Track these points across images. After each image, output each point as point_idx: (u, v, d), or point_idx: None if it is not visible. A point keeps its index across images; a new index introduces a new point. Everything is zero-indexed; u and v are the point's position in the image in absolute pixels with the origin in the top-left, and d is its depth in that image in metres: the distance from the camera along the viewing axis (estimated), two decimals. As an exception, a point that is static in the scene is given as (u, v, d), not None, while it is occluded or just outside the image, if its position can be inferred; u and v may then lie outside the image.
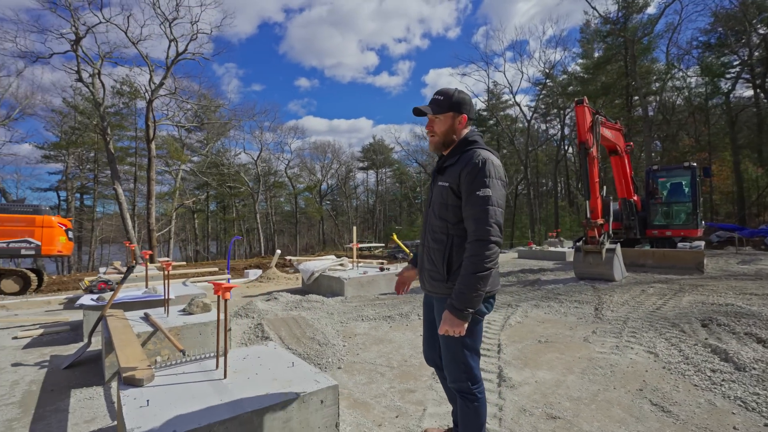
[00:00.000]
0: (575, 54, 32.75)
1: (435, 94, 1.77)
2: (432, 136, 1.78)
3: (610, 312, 5.07)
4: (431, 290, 1.79)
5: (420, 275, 1.90)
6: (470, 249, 1.56)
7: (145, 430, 1.63)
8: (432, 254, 1.75)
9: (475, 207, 1.56)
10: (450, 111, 1.73)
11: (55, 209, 35.24)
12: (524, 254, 13.78)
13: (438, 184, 1.75)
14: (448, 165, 1.72)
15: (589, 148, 7.53)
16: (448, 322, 1.57)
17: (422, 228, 1.89)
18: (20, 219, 9.86)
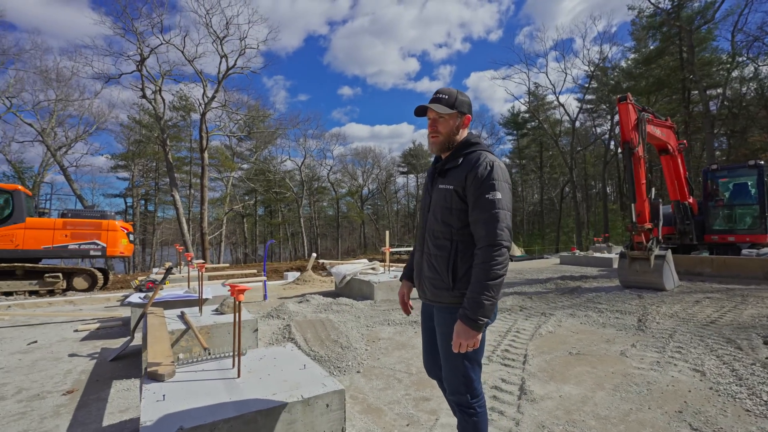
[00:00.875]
0: (626, 48, 30.78)
1: (437, 93, 1.69)
2: (435, 136, 1.69)
3: (655, 324, 4.69)
4: (433, 299, 1.70)
5: (418, 283, 1.79)
6: (482, 255, 1.49)
7: (156, 423, 1.74)
8: (434, 261, 1.66)
9: (485, 211, 1.51)
10: (455, 110, 1.67)
11: (122, 214, 38.74)
12: (567, 260, 13.09)
13: (439, 187, 1.67)
14: (451, 167, 1.65)
15: (633, 148, 7.04)
16: (462, 335, 1.47)
17: (419, 233, 1.81)
18: (89, 223, 10.94)
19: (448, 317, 1.63)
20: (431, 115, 1.69)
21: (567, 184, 37.15)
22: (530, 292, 7.44)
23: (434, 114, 1.68)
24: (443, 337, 1.66)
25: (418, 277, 1.78)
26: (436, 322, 1.72)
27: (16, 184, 11.20)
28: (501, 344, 3.99)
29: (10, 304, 6.88)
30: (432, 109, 1.67)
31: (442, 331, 1.67)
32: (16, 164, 28.92)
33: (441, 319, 1.68)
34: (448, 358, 1.66)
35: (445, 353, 1.66)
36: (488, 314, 1.46)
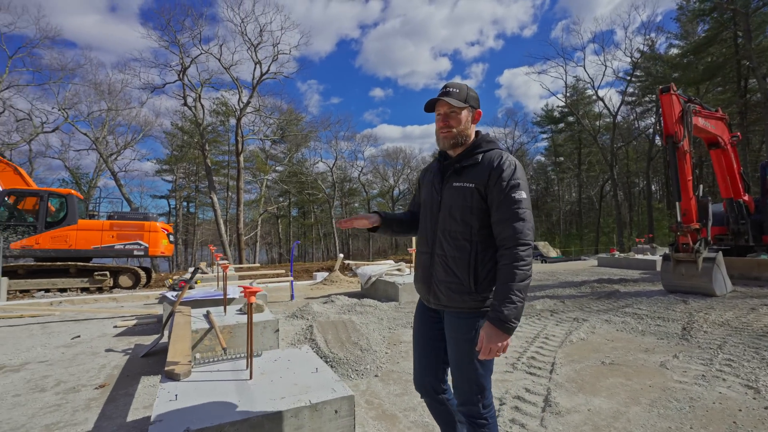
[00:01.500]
0: (672, 35, 28.84)
1: (448, 87, 1.62)
2: (448, 131, 1.60)
3: (702, 333, 4.31)
4: (450, 304, 1.58)
5: (426, 288, 1.66)
6: (511, 255, 1.44)
7: (165, 423, 1.77)
8: (451, 263, 1.56)
9: (512, 211, 1.48)
10: (467, 105, 1.60)
11: (166, 215, 40.98)
12: (605, 262, 12.42)
13: (454, 185, 1.59)
14: (468, 165, 1.59)
15: (678, 142, 6.54)
16: (494, 339, 1.39)
17: (425, 234, 1.69)
18: (133, 225, 11.61)
19: (467, 322, 1.55)
20: (442, 110, 1.61)
21: (607, 182, 35.36)
22: (563, 295, 7.09)
23: (446, 108, 1.60)
24: (459, 344, 1.56)
25: (426, 281, 1.66)
26: (451, 328, 1.60)
27: (69, 189, 12.08)
28: (527, 351, 3.81)
29: (62, 300, 7.41)
30: (444, 103, 1.59)
31: (460, 338, 1.56)
32: (73, 170, 31.30)
33: (458, 326, 1.57)
34: (461, 367, 1.57)
35: (459, 361, 1.57)
36: (519, 316, 1.43)
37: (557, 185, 48.24)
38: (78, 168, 31.99)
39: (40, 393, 3.09)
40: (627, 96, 32.20)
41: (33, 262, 10.56)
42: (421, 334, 1.76)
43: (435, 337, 1.71)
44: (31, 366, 3.75)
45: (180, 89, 25.96)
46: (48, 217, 10.80)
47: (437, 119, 1.63)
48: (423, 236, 1.71)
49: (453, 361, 1.61)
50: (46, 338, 4.77)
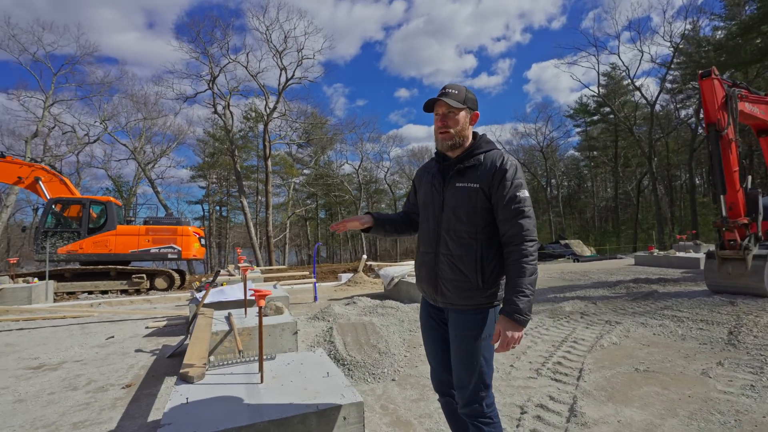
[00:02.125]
0: (716, 17, 26.97)
1: (447, 88, 1.65)
2: (446, 131, 1.62)
3: (751, 338, 3.96)
4: (458, 302, 1.60)
5: (433, 287, 1.67)
6: (520, 251, 1.50)
7: (174, 426, 1.78)
8: (458, 262, 1.58)
9: (518, 209, 1.53)
10: (465, 106, 1.63)
11: (201, 219, 42.65)
12: (643, 261, 11.75)
13: (457, 185, 1.61)
14: (471, 165, 1.62)
15: (721, 131, 6.06)
16: (510, 331, 1.45)
17: (427, 234, 1.69)
18: (167, 229, 12.11)
19: (474, 318, 1.59)
20: (441, 110, 1.64)
21: (645, 176, 33.57)
22: (595, 296, 6.74)
23: (444, 108, 1.62)
24: (466, 340, 1.59)
25: (431, 281, 1.67)
26: (457, 326, 1.63)
27: (108, 196, 12.76)
28: (554, 355, 3.62)
29: (101, 302, 7.81)
30: (442, 103, 1.61)
31: (467, 335, 1.59)
32: (115, 179, 33.19)
33: (464, 322, 1.60)
34: (468, 363, 1.59)
35: (465, 358, 1.59)
36: (531, 309, 1.49)
37: (591, 181, 46.30)
38: (119, 176, 33.91)
39: (72, 392, 3.23)
40: (667, 83, 30.42)
41: (78, 266, 11.22)
42: (431, 334, 1.79)
43: (444, 334, 1.72)
44: (67, 365, 3.94)
45: (210, 98, 26.93)
46: (90, 223, 11.45)
47: (435, 119, 1.66)
48: (426, 236, 1.71)
49: (458, 358, 1.62)
50: (84, 338, 5.02)
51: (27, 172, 11.56)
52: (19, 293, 7.43)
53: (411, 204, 1.91)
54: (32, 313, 6.35)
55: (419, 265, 1.75)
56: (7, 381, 3.51)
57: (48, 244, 10.70)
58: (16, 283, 8.34)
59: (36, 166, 11.91)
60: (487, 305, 1.59)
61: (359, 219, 1.74)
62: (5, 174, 11.47)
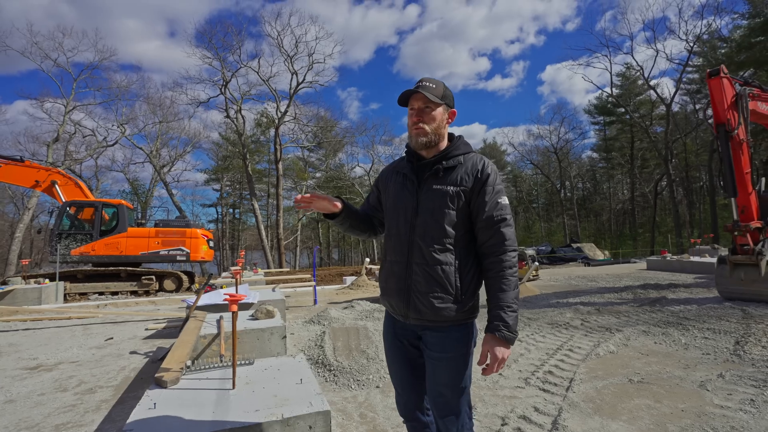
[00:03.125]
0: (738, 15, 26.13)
1: (424, 81, 1.49)
2: (420, 128, 1.47)
3: (758, 349, 3.77)
4: (434, 318, 1.42)
5: (403, 303, 1.47)
6: (504, 262, 1.40)
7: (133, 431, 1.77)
8: (435, 272, 1.41)
9: (501, 216, 1.43)
10: (443, 102, 1.49)
11: (215, 222, 43.32)
12: (655, 265, 11.41)
13: (434, 187, 1.46)
14: (450, 167, 1.48)
15: (731, 131, 5.84)
16: (500, 353, 1.33)
17: (398, 241, 1.51)
18: (176, 231, 12.30)
19: (456, 337, 1.44)
20: (417, 104, 1.48)
21: (662, 178, 32.68)
22: (599, 302, 6.55)
23: (421, 103, 1.48)
24: (451, 363, 1.44)
25: (402, 294, 1.47)
26: (437, 347, 1.45)
27: (120, 200, 13.04)
28: (546, 364, 3.51)
29: (107, 303, 7.96)
30: (419, 96, 1.46)
31: (451, 357, 1.44)
32: (132, 182, 34.00)
33: (446, 343, 1.44)
34: (454, 388, 1.45)
35: (451, 381, 1.44)
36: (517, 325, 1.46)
37: (607, 182, 45.31)
38: (136, 180, 34.72)
39: (61, 393, 3.28)
40: (684, 83, 29.60)
41: (90, 267, 11.49)
42: (398, 355, 1.60)
43: (414, 356, 1.56)
44: (63, 366, 4.01)
45: (223, 102, 27.37)
46: (102, 225, 11.72)
47: (410, 114, 1.51)
48: (395, 243, 1.52)
49: (442, 383, 1.45)
50: (84, 339, 5.11)
51: (44, 176, 11.92)
52: (29, 294, 7.63)
53: (371, 206, 1.73)
54: (40, 313, 6.51)
55: (386, 277, 1.55)
56: (3, 381, 3.58)
57: (61, 246, 10.98)
58: (27, 284, 8.58)
59: (52, 170, 12.28)
60: (467, 320, 1.46)
61: (330, 200, 1.52)
62: (23, 178, 11.83)
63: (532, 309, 6.15)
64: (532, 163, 42.70)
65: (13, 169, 11.55)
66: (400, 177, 1.58)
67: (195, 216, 39.19)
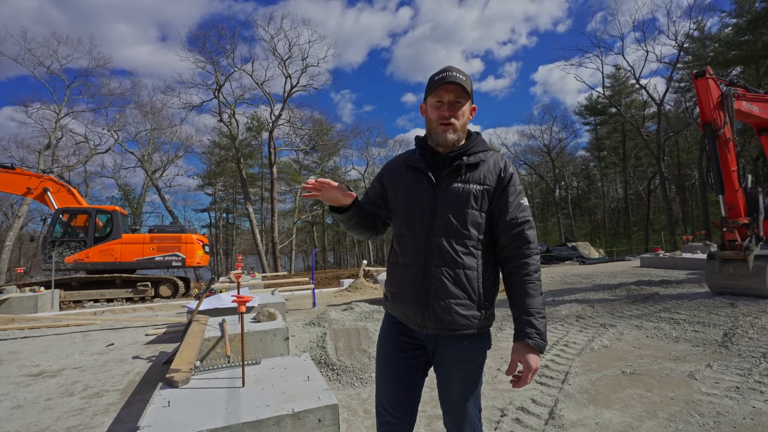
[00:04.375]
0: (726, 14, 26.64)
1: (453, 71, 1.33)
2: (450, 123, 1.34)
3: (745, 340, 3.92)
4: (456, 327, 1.31)
5: (420, 310, 1.34)
6: (531, 265, 1.32)
7: (152, 428, 1.84)
8: (458, 277, 1.31)
9: (525, 217, 1.36)
10: (470, 97, 1.37)
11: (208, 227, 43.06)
12: (648, 262, 11.63)
13: (456, 185, 1.35)
14: (472, 164, 1.37)
15: (717, 130, 6.03)
16: (533, 360, 1.23)
17: (414, 242, 1.37)
18: (171, 237, 12.26)
19: (479, 345, 1.37)
20: (448, 97, 1.33)
21: (655, 176, 33.14)
22: (594, 299, 6.70)
23: (453, 96, 1.33)
24: (469, 372, 1.36)
25: (420, 301, 1.34)
26: (456, 357, 1.35)
27: (114, 206, 12.97)
28: (542, 359, 3.62)
29: (104, 310, 7.96)
30: (454, 88, 1.31)
31: (471, 366, 1.36)
32: (123, 187, 33.74)
33: (470, 352, 1.35)
34: (471, 398, 1.39)
35: (468, 392, 1.38)
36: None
37: (601, 181, 45.79)
38: (126, 185, 34.45)
39: (68, 398, 3.32)
40: (674, 82, 30.12)
41: (84, 275, 11.42)
42: (399, 370, 1.44)
43: (414, 369, 1.44)
44: (66, 372, 4.04)
45: (216, 107, 27.34)
46: (96, 232, 11.65)
47: (437, 106, 1.35)
48: (410, 245, 1.38)
49: (459, 394, 1.37)
50: (85, 346, 5.13)
51: (36, 183, 11.83)
52: (25, 302, 7.61)
53: (371, 202, 1.54)
54: (37, 321, 6.50)
55: (401, 283, 1.39)
56: (8, 388, 3.61)
57: (55, 253, 10.92)
58: (22, 292, 8.54)
59: (44, 177, 12.19)
60: (486, 328, 1.37)
61: (343, 190, 1.32)
62: (15, 185, 11.73)
63: (528, 307, 6.27)
64: (527, 164, 43.05)
65: (4, 177, 11.44)
66: (412, 172, 1.43)
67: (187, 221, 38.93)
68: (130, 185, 35.39)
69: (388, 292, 1.46)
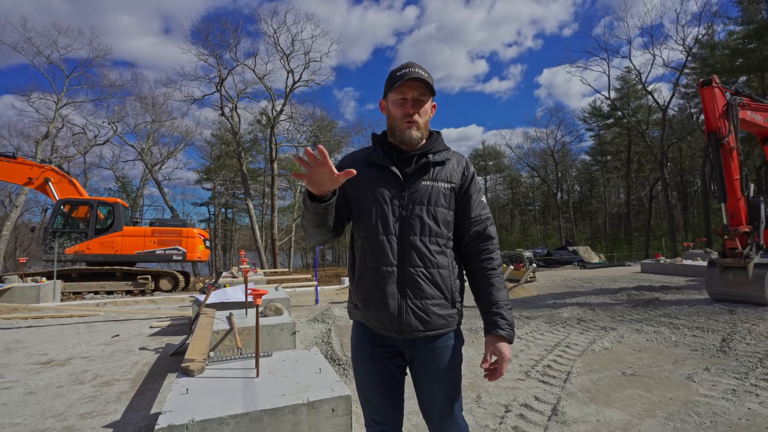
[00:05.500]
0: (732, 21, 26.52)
1: (416, 68, 1.30)
2: (414, 121, 1.31)
3: (743, 345, 4.00)
4: (434, 329, 1.28)
5: (394, 315, 1.27)
6: (495, 260, 1.34)
7: (174, 413, 1.90)
8: (433, 277, 1.28)
9: (488, 215, 1.39)
10: (433, 95, 1.35)
11: (206, 222, 43.05)
12: (649, 268, 11.72)
13: (426, 183, 1.32)
14: (438, 162, 1.36)
15: (721, 139, 6.11)
16: (507, 351, 1.24)
17: (382, 244, 1.29)
18: (172, 231, 12.27)
19: (453, 345, 1.35)
20: (412, 93, 1.30)
21: (658, 182, 33.19)
22: (594, 303, 6.78)
23: (416, 92, 1.30)
24: (448, 374, 1.34)
25: (394, 305, 1.27)
26: (433, 360, 1.32)
27: (115, 198, 12.96)
28: (544, 359, 3.70)
29: (107, 302, 8.00)
30: (417, 85, 1.29)
31: (450, 367, 1.34)
32: (122, 179, 33.68)
33: (442, 354, 1.32)
34: (453, 399, 1.37)
35: (451, 393, 1.36)
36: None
37: (603, 186, 45.76)
38: (124, 177, 34.38)
39: (79, 385, 3.38)
40: (680, 88, 30.13)
41: (84, 267, 11.44)
42: (380, 378, 1.39)
43: (396, 375, 1.40)
44: (75, 361, 4.10)
45: (218, 100, 27.31)
46: (97, 224, 11.65)
47: (401, 103, 1.32)
48: (377, 247, 1.30)
49: (444, 397, 1.35)
50: (90, 336, 5.18)
51: (37, 173, 11.74)
52: (27, 292, 7.64)
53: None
54: (40, 311, 6.55)
55: (371, 287, 1.30)
56: (18, 375, 3.67)
57: (56, 245, 10.94)
58: (25, 282, 8.58)
59: (46, 167, 12.12)
60: (459, 325, 1.39)
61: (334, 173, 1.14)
62: (16, 175, 11.65)
63: (531, 309, 6.35)
64: (529, 166, 43.05)
65: (5, 166, 11.36)
66: (376, 170, 1.36)
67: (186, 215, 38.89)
68: (127, 177, 35.33)
69: (358, 300, 1.36)
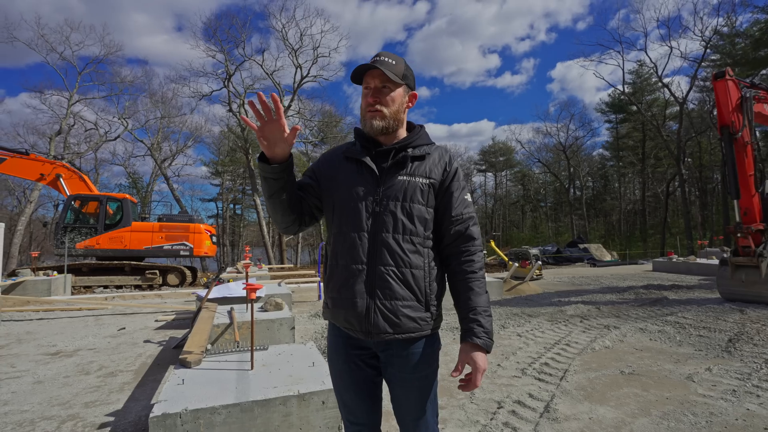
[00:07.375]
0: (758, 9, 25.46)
1: (382, 56, 1.27)
2: (376, 110, 1.26)
3: (749, 346, 3.92)
4: (405, 332, 1.20)
5: (363, 315, 1.20)
6: (477, 262, 1.26)
7: (168, 402, 1.95)
8: (405, 277, 1.21)
9: (470, 214, 1.31)
10: (404, 83, 1.29)
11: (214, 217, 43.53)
12: (661, 266, 11.52)
13: (402, 178, 1.27)
14: (417, 156, 1.30)
15: (735, 133, 5.97)
16: (482, 361, 1.17)
17: (354, 241, 1.24)
18: (180, 226, 12.43)
19: (426, 351, 1.27)
20: (373, 83, 1.26)
21: (674, 178, 32.36)
22: (600, 301, 6.71)
23: (378, 81, 1.26)
24: (423, 380, 1.27)
25: (363, 305, 1.21)
26: (406, 366, 1.24)
27: (124, 194, 13.18)
28: (543, 357, 3.68)
29: (114, 296, 8.17)
30: (377, 74, 1.25)
31: (427, 373, 1.27)
32: (132, 175, 34.20)
33: (415, 359, 1.24)
34: (428, 407, 1.30)
35: (425, 400, 1.28)
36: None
37: (618, 182, 44.71)
38: (134, 173, 34.86)
39: (85, 376, 3.47)
40: (699, 80, 29.20)
41: (94, 261, 11.67)
42: (354, 380, 1.32)
43: (371, 376, 1.33)
44: (81, 352, 4.21)
45: (226, 96, 27.48)
46: (107, 219, 11.86)
47: (365, 94, 1.29)
48: (348, 244, 1.25)
49: (417, 403, 1.28)
50: (98, 329, 5.31)
51: (49, 169, 11.95)
52: (39, 285, 7.84)
53: (301, 187, 1.38)
54: (51, 304, 6.72)
55: (339, 285, 1.25)
56: (28, 365, 3.78)
57: (67, 239, 11.17)
58: (37, 276, 8.79)
59: (57, 164, 12.34)
60: (436, 329, 1.30)
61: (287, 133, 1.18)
62: (28, 171, 11.85)
63: (534, 307, 6.31)
64: (541, 162, 42.36)
65: (19, 162, 11.60)
66: (353, 164, 1.31)
67: (194, 211, 39.36)
68: (138, 173, 35.83)
69: (328, 298, 1.31)
